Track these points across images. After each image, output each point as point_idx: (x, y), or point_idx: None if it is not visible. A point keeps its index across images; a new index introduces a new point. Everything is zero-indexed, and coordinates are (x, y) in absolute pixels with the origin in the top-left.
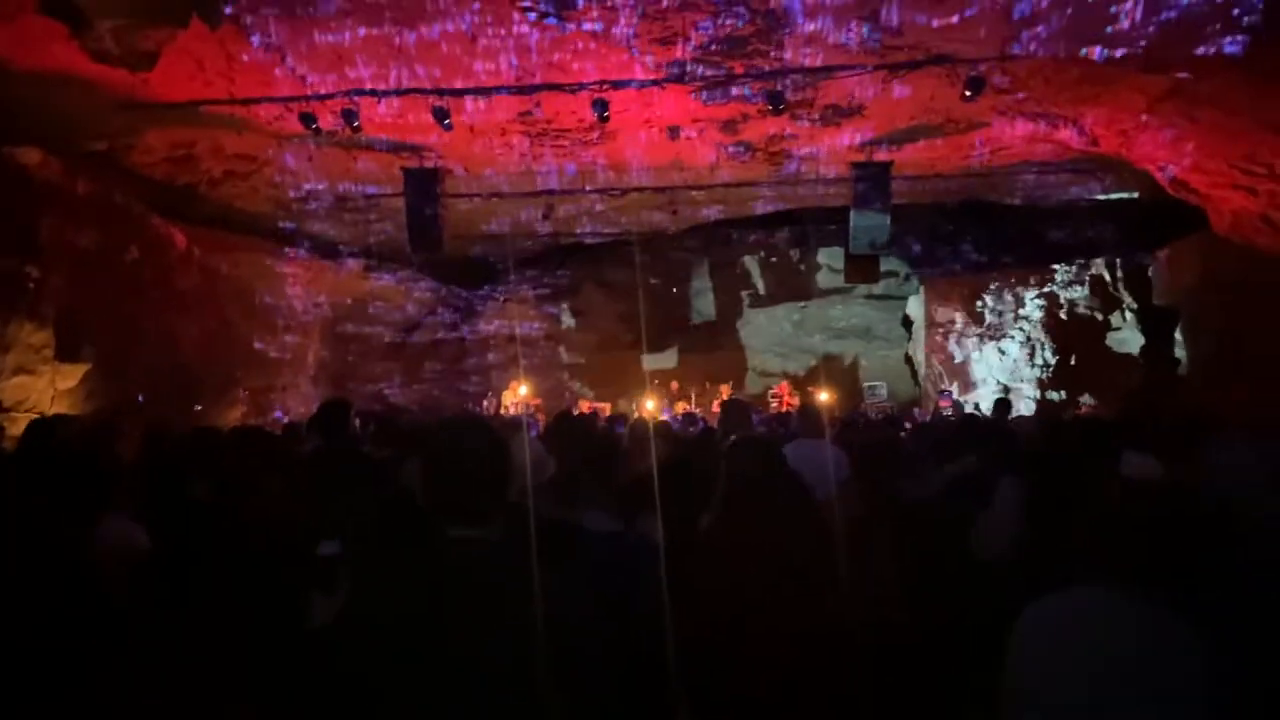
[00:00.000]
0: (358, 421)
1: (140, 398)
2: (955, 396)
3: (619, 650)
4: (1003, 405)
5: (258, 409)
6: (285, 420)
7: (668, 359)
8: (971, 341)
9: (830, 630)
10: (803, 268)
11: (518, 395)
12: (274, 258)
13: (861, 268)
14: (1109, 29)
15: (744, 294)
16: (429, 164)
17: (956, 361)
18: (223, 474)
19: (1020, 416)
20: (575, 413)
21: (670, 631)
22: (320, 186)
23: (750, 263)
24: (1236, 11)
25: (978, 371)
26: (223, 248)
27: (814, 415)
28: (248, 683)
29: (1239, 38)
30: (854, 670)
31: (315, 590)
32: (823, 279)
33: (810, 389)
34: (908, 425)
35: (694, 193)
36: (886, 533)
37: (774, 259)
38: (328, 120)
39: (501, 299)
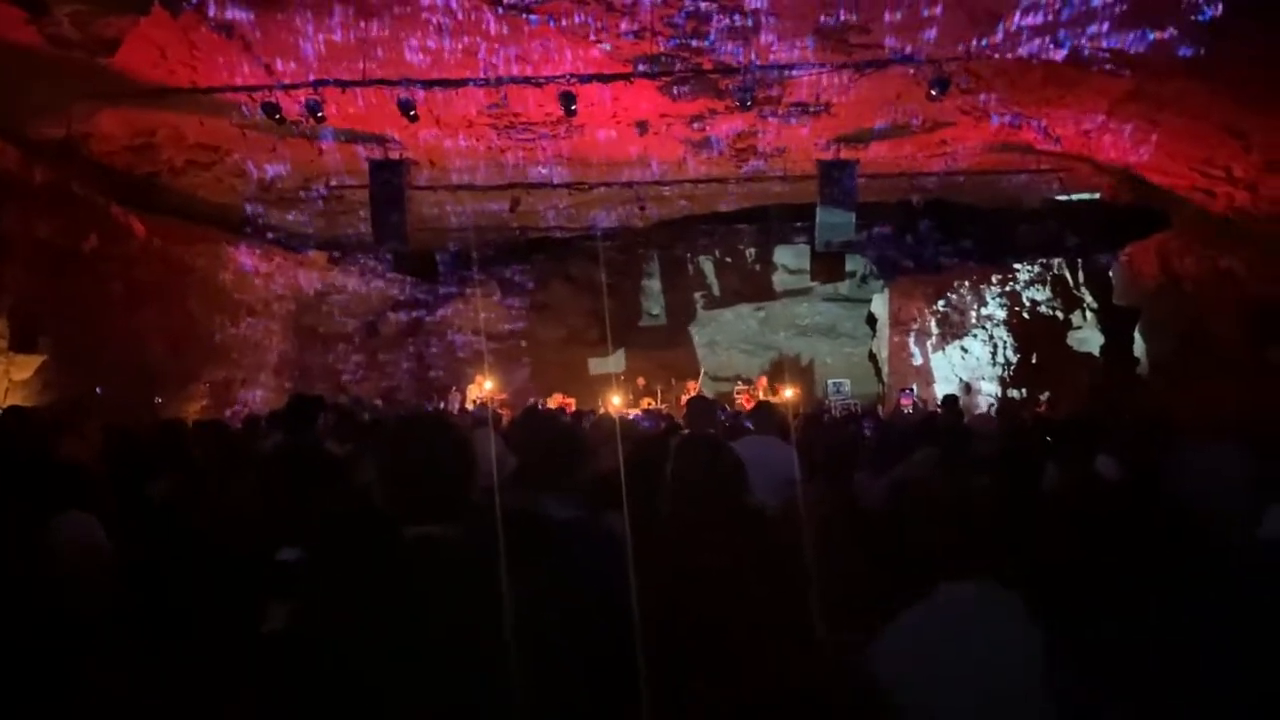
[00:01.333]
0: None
1: (99, 390)
2: (916, 395)
3: (587, 644)
4: (951, 401)
5: (218, 402)
6: (245, 414)
7: (614, 362)
8: (934, 340)
9: (781, 629)
10: (758, 268)
11: (483, 390)
12: (237, 249)
13: (827, 266)
14: (1071, 31)
15: (698, 295)
16: (394, 156)
17: (919, 360)
18: (183, 472)
19: (981, 414)
20: (542, 407)
21: (638, 627)
22: (285, 177)
23: (705, 263)
24: (1193, 17)
25: (940, 370)
26: (184, 238)
27: (768, 412)
28: (205, 690)
29: (1195, 42)
30: (817, 668)
31: (273, 598)
32: (779, 280)
33: (777, 385)
34: (867, 423)
35: (661, 188)
36: (843, 532)
37: (729, 259)
38: (292, 110)
39: (467, 292)
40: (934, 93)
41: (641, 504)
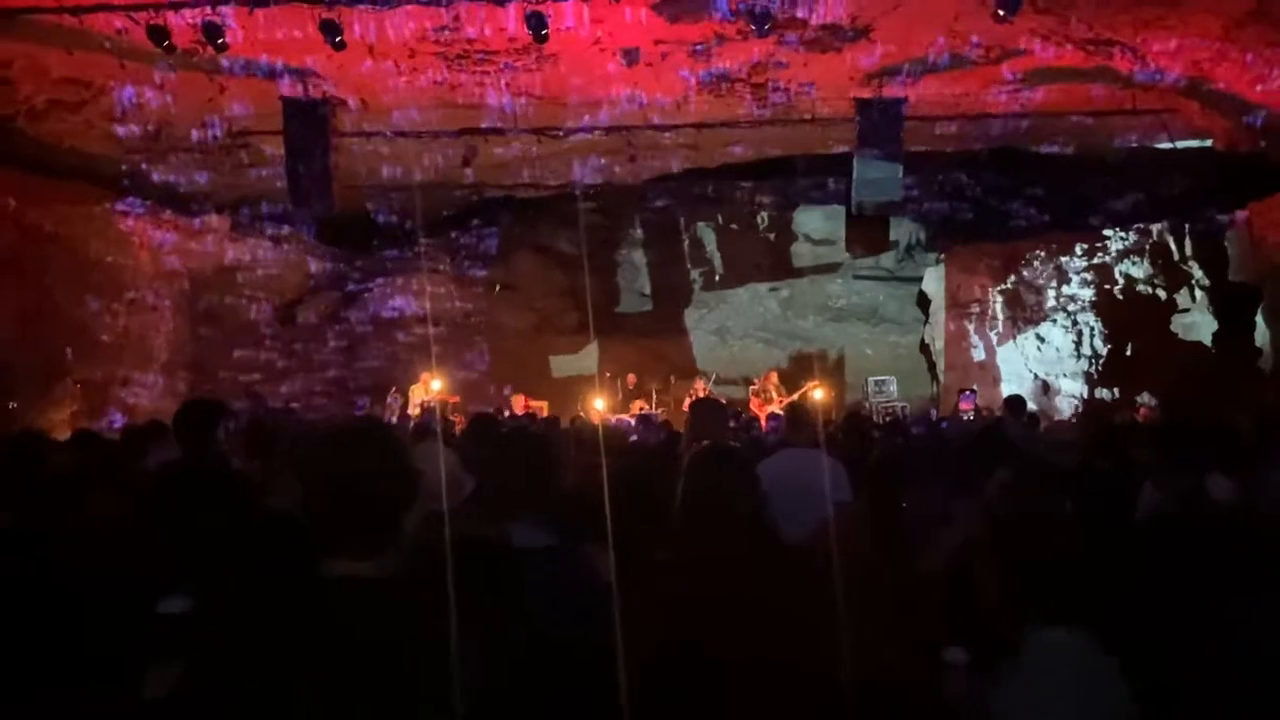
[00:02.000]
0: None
1: None
2: (977, 399)
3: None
4: (1016, 405)
5: (91, 407)
6: (125, 423)
7: (595, 356)
8: (1002, 326)
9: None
10: (775, 236)
11: (429, 391)
12: (113, 212)
13: (865, 233)
14: None
15: (697, 273)
16: (316, 94)
17: (982, 352)
18: (39, 496)
19: (1061, 421)
20: (503, 414)
21: (625, 684)
22: (176, 121)
23: (704, 231)
24: None
25: (1010, 364)
26: (46, 198)
27: (802, 418)
28: None
29: None
30: None
31: (157, 655)
32: (804, 252)
33: (803, 385)
34: (917, 432)
35: (656, 135)
36: (886, 574)
37: (733, 225)
38: (185, 36)
39: (410, 268)
40: (1002, 12)
41: (631, 533)
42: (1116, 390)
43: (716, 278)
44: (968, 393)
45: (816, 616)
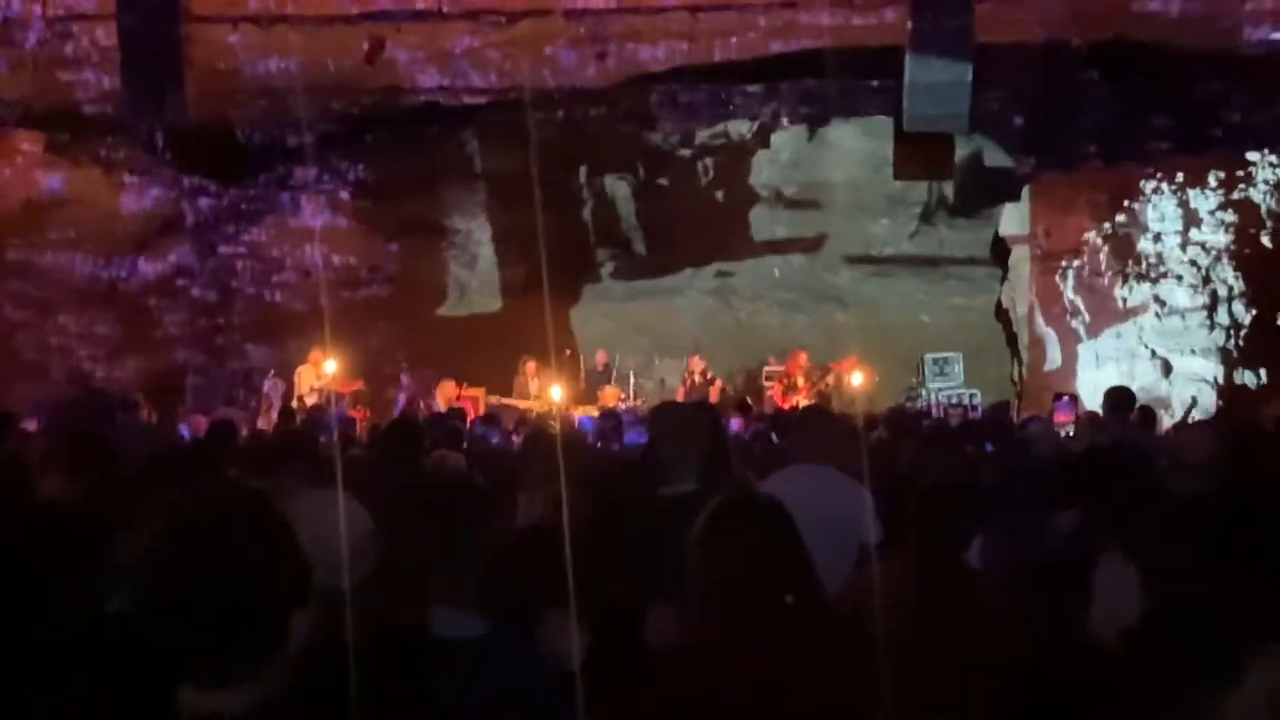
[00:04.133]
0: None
1: None
2: (1077, 405)
3: None
4: (1120, 402)
5: None
6: None
7: (553, 325)
8: (1109, 283)
9: None
10: (797, 161)
11: (322, 376)
12: None
13: (920, 154)
14: None
15: (689, 208)
16: None
17: (1082, 318)
18: None
19: (1184, 427)
20: (427, 408)
21: None
22: None
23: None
24: None
25: (1118, 336)
26: None
27: (819, 424)
28: None
29: None
30: None
31: None
32: (837, 180)
33: (830, 367)
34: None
35: (633, 19)
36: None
37: (722, 144)
38: None
39: (295, 204)
40: None
41: (607, 598)
42: (1263, 373)
43: (723, 205)
44: (1065, 400)
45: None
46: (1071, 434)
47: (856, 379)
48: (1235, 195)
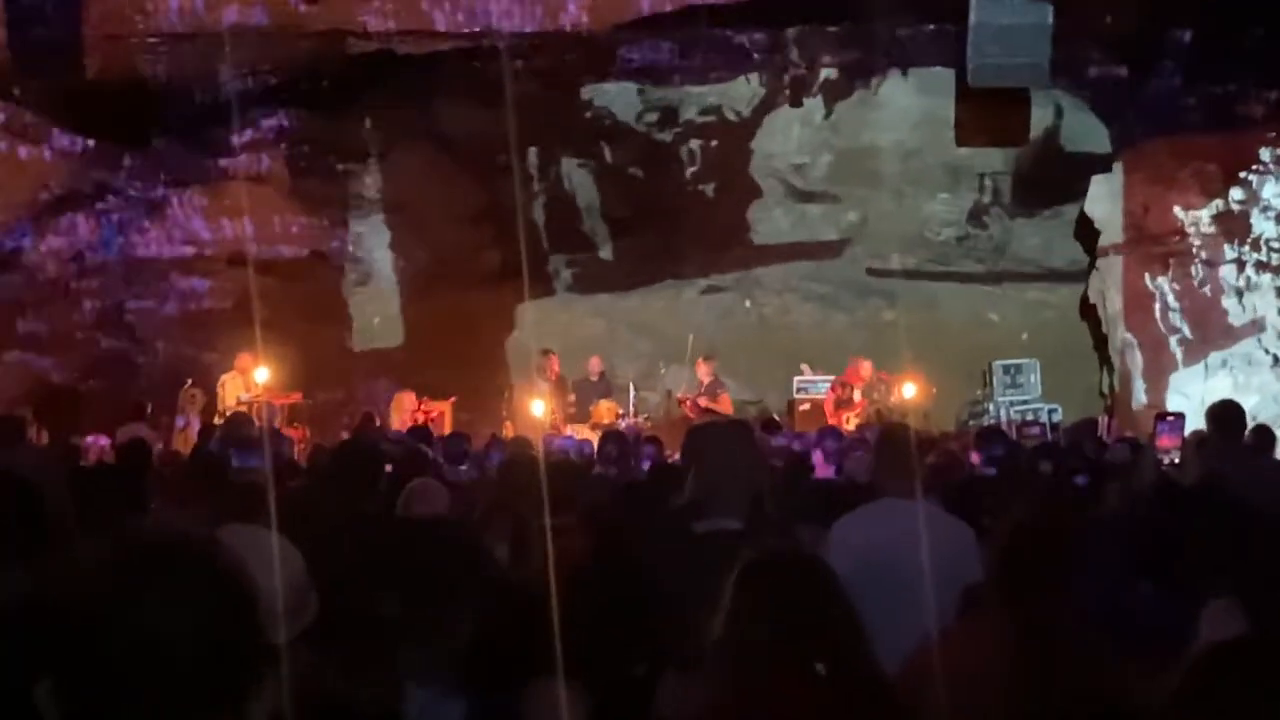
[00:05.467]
0: None
1: None
2: (1182, 426)
3: None
4: (1228, 420)
5: None
6: None
7: (534, 324)
8: (1222, 274)
9: None
10: (837, 123)
11: (252, 386)
12: None
13: (988, 115)
14: None
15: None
16: None
17: (1189, 317)
18: None
19: None
20: (380, 426)
21: None
22: None
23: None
24: None
25: (1232, 339)
26: None
27: (899, 448)
28: None
29: None
30: None
31: None
32: (886, 148)
33: (882, 377)
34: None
35: None
36: None
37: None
38: None
39: (216, 175)
40: None
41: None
42: None
43: (748, 186)
44: (1170, 420)
45: None
46: (1177, 461)
47: (909, 390)
48: None
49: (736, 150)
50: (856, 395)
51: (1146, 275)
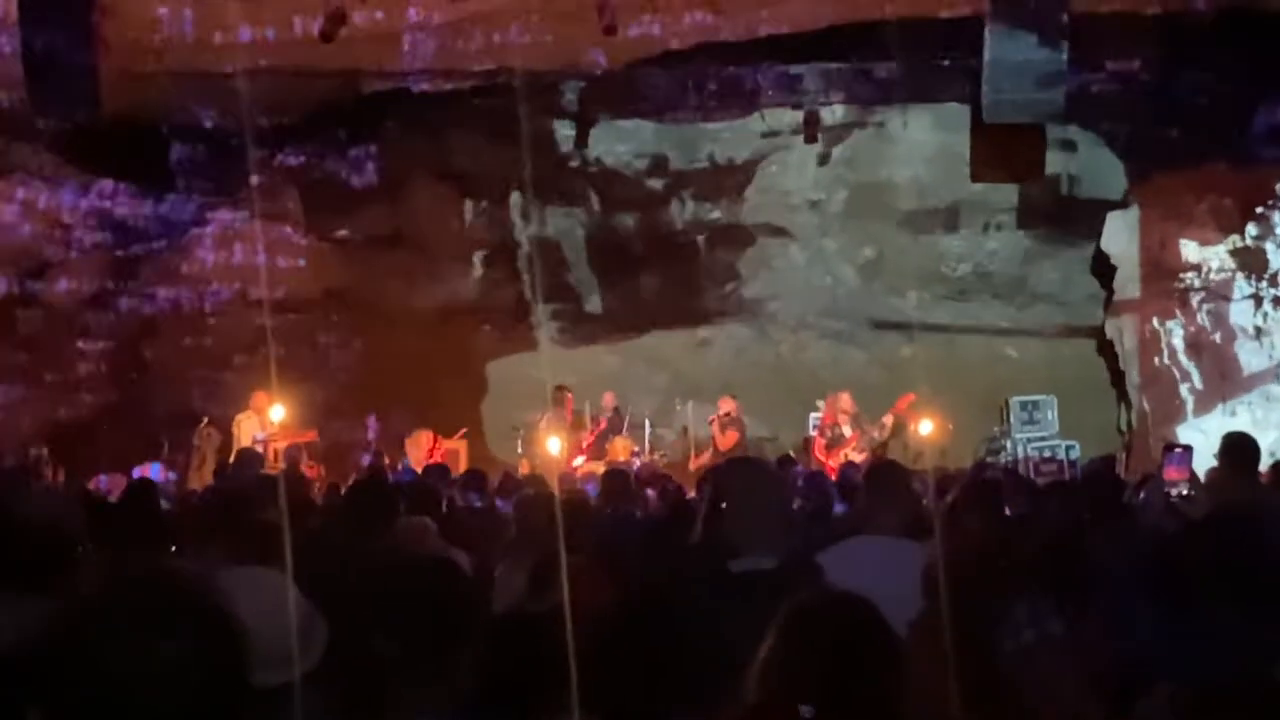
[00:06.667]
0: None
1: None
2: (1190, 458)
3: None
4: (1240, 453)
5: None
6: None
7: (550, 362)
8: (1242, 309)
9: None
10: (849, 159)
11: (268, 425)
12: None
13: (1004, 151)
14: None
15: (715, 212)
16: None
17: (1208, 353)
18: None
19: None
20: (394, 465)
21: None
22: None
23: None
24: None
25: (1252, 376)
26: None
27: (893, 484)
28: None
29: None
30: None
31: None
32: (902, 184)
33: (896, 414)
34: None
35: None
36: None
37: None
38: None
39: (233, 215)
40: None
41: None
42: None
43: (756, 224)
44: (1178, 452)
45: None
46: (1186, 494)
47: (925, 427)
48: None
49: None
50: (847, 430)
51: (1163, 311)
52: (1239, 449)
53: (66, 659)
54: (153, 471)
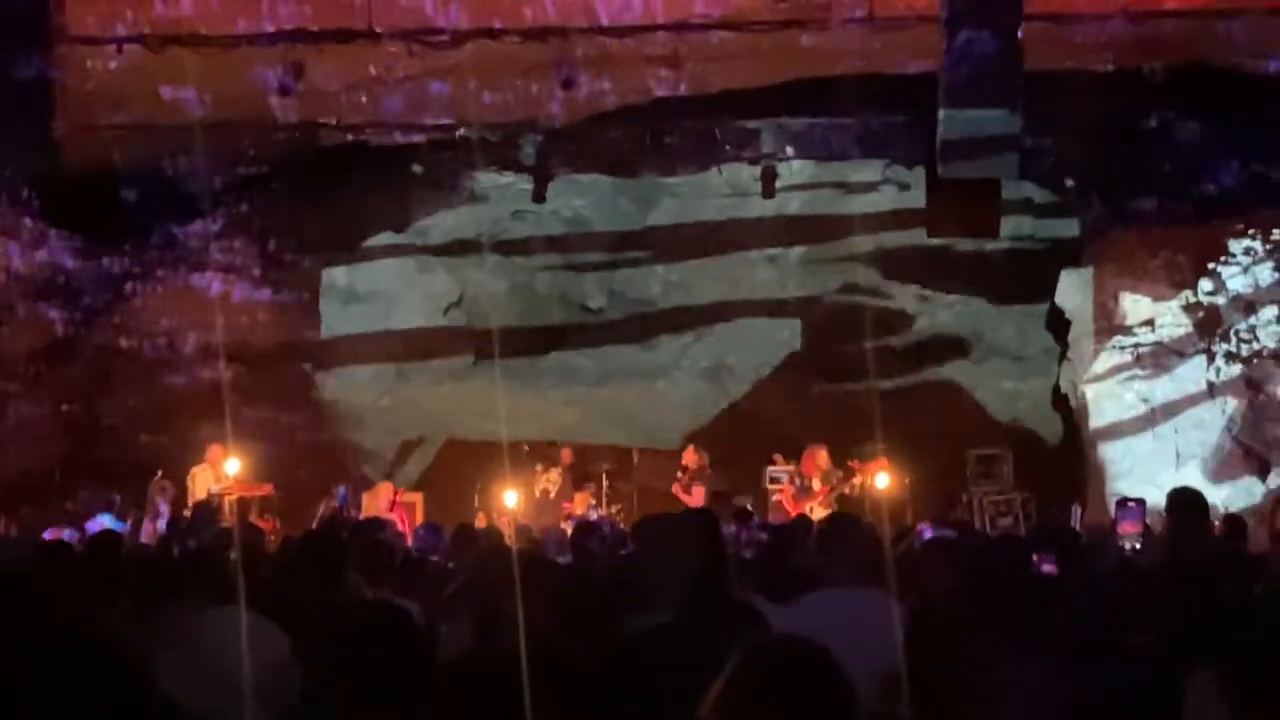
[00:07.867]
0: None
1: None
2: (1149, 513)
3: None
4: (1186, 506)
5: None
6: None
7: (483, 421)
8: (1193, 365)
9: None
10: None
11: (223, 478)
12: None
13: (960, 207)
14: None
15: (665, 271)
16: None
17: (1160, 407)
18: None
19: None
20: (354, 515)
21: None
22: None
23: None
24: None
25: (1204, 428)
26: None
27: (853, 536)
28: None
29: None
30: None
31: None
32: (850, 239)
33: (853, 466)
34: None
35: (606, 41)
36: None
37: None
38: None
39: (188, 265)
40: None
41: None
42: None
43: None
44: (1130, 506)
45: None
46: (1138, 547)
47: (881, 481)
48: None
49: (701, 241)
50: (816, 484)
51: (1116, 366)
52: (1185, 503)
53: None
54: (104, 523)
